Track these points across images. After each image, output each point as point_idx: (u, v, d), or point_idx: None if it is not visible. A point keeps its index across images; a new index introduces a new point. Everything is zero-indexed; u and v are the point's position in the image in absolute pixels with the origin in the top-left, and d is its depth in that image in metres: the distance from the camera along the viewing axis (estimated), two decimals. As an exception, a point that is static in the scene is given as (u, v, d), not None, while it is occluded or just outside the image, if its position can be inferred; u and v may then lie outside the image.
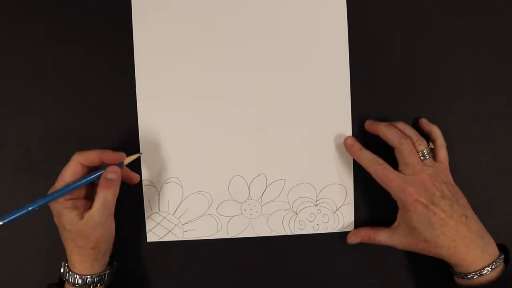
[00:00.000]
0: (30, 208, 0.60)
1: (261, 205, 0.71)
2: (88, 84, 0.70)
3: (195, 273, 0.72)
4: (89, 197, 0.64)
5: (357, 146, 0.69)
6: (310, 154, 0.71)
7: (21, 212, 0.60)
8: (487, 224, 0.65)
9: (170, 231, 0.71)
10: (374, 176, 0.66)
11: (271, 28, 0.70)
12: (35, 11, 0.70)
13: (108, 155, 0.63)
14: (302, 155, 0.71)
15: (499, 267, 0.62)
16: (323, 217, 0.72)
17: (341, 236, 0.71)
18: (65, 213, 0.61)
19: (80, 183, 0.61)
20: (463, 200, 0.65)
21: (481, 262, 0.62)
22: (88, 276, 0.63)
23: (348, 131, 0.71)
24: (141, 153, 0.69)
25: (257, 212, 0.71)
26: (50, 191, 0.61)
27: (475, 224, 0.63)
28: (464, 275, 0.63)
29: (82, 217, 0.61)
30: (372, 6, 0.71)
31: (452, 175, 0.67)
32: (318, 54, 0.70)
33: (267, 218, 0.71)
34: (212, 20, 0.70)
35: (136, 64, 0.70)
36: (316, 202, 0.71)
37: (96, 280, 0.63)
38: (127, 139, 0.70)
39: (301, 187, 0.71)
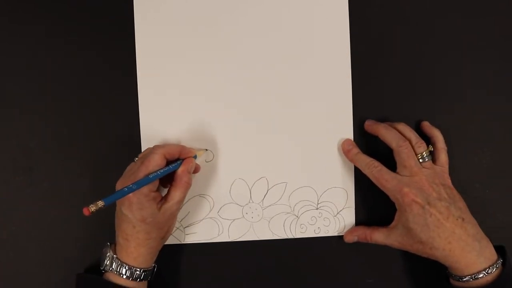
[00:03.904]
0: (126, 189, 0.59)
1: (263, 208, 0.71)
2: (88, 84, 0.70)
3: (196, 276, 0.71)
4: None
5: (354, 150, 0.69)
6: (311, 157, 0.71)
7: (122, 194, 0.59)
8: (487, 224, 0.65)
9: (171, 234, 0.70)
10: (371, 178, 0.67)
11: (272, 30, 0.70)
12: (35, 11, 0.70)
13: (186, 150, 0.66)
14: (303, 158, 0.71)
15: (496, 271, 0.62)
16: (324, 220, 0.71)
17: (342, 239, 0.71)
18: (147, 205, 0.61)
19: (162, 173, 0.63)
20: (461, 203, 0.64)
21: (477, 266, 0.62)
22: (138, 269, 0.63)
23: (350, 134, 0.71)
24: (207, 149, 0.71)
25: (258, 215, 0.71)
26: (120, 184, 0.62)
27: (472, 228, 0.63)
28: (459, 278, 0.63)
29: (159, 209, 0.62)
30: (372, 6, 0.71)
31: (452, 175, 0.67)
32: (320, 57, 0.70)
33: (269, 222, 0.71)
34: (214, 20, 0.70)
35: (138, 64, 0.70)
36: (317, 206, 0.71)
37: (144, 274, 0.64)
38: (128, 139, 0.70)
39: (302, 190, 0.71)
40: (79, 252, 0.70)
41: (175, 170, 0.64)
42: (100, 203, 0.55)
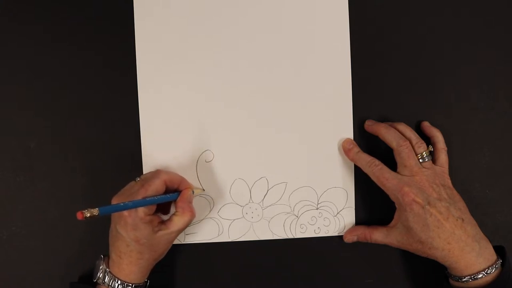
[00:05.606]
0: (122, 205, 0.59)
1: (263, 208, 0.71)
2: (88, 84, 0.70)
3: (196, 276, 0.71)
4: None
5: (355, 149, 0.69)
6: (311, 157, 0.71)
7: (117, 209, 0.59)
8: (486, 224, 0.65)
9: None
10: (371, 177, 0.67)
11: (272, 30, 0.70)
12: (35, 11, 0.70)
13: (185, 183, 0.67)
14: (303, 158, 0.71)
15: (495, 271, 0.62)
16: (324, 220, 0.71)
17: (342, 239, 0.71)
18: (142, 227, 0.61)
19: (159, 200, 0.63)
20: (461, 204, 0.64)
21: (476, 266, 0.62)
22: (130, 285, 0.64)
23: (350, 134, 0.70)
24: (204, 190, 0.71)
25: (258, 215, 0.71)
26: (116, 200, 0.62)
27: (472, 228, 0.63)
28: (459, 278, 0.63)
29: (155, 232, 0.62)
30: (372, 6, 0.71)
31: (452, 175, 0.67)
32: (320, 57, 0.70)
33: (269, 222, 0.71)
34: (214, 20, 0.70)
35: (138, 64, 0.69)
36: (317, 206, 0.71)
37: None
38: (128, 139, 0.70)
39: (302, 190, 0.71)
40: (79, 252, 0.70)
41: (172, 200, 0.65)
42: (95, 211, 0.55)
